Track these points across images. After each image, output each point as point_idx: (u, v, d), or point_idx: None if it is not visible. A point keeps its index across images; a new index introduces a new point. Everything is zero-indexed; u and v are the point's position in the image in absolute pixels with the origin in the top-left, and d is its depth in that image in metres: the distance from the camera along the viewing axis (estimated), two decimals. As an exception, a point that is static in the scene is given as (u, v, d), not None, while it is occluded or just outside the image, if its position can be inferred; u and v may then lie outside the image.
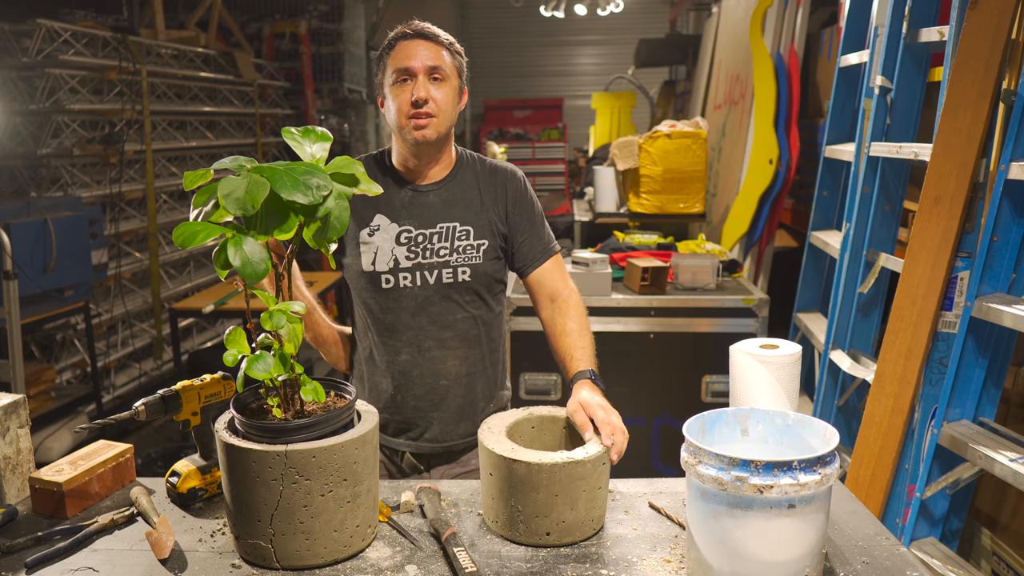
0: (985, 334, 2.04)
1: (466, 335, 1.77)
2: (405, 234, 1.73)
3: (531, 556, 1.28)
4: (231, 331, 1.25)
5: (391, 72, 1.69)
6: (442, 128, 1.69)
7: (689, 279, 3.24)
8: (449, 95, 1.70)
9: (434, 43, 1.70)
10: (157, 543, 1.27)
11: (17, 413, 1.47)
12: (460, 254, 1.74)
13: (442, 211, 1.75)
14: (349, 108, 8.16)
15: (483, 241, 1.75)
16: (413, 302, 1.73)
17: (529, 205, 1.81)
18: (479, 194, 1.77)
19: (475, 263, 1.74)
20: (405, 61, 1.67)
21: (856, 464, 2.35)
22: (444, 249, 1.73)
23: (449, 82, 1.70)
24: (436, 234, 1.74)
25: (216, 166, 1.20)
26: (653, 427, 3.20)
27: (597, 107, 8.40)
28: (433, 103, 1.66)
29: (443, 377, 1.77)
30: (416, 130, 1.67)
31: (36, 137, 4.47)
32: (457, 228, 1.74)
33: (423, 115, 1.66)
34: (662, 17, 11.48)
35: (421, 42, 1.68)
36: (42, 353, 4.51)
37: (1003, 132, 1.97)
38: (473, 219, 1.75)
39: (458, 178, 1.78)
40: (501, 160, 1.86)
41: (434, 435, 1.79)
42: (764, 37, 4.36)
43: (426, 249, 1.73)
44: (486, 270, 1.76)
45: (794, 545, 1.12)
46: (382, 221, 1.74)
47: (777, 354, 1.49)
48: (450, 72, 1.70)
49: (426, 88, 1.66)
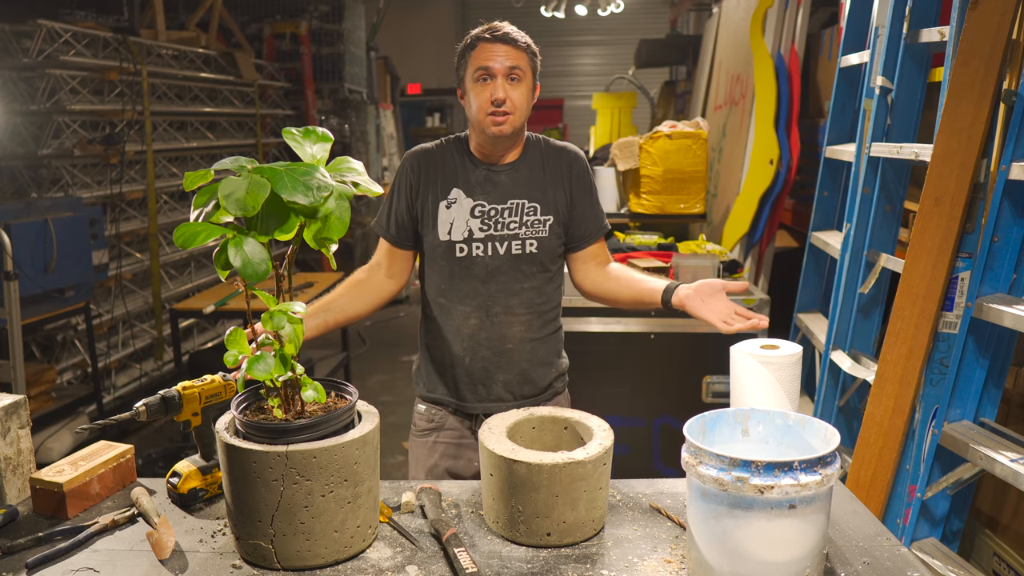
0: (986, 334, 2.04)
1: (530, 303, 1.90)
2: (479, 208, 1.87)
3: (532, 556, 1.28)
4: (231, 332, 1.25)
5: (473, 69, 1.82)
6: (518, 124, 1.83)
7: (690, 279, 3.22)
8: (525, 94, 1.83)
9: (513, 47, 1.82)
10: (158, 544, 1.27)
11: (18, 413, 1.47)
12: (529, 228, 1.88)
13: (513, 189, 1.89)
14: (349, 109, 8.16)
15: (549, 217, 1.89)
16: (484, 270, 1.87)
17: (589, 184, 1.96)
18: (544, 174, 1.91)
19: (541, 236, 1.88)
20: (486, 61, 1.80)
21: (857, 464, 2.35)
22: (514, 223, 1.87)
23: (525, 81, 1.83)
24: (507, 209, 1.88)
25: (217, 167, 1.20)
26: (653, 427, 3.20)
27: (598, 107, 8.40)
28: (511, 102, 1.79)
29: (509, 341, 1.90)
30: (495, 126, 1.80)
31: (37, 138, 4.47)
32: (526, 205, 1.88)
33: (501, 113, 1.79)
34: (662, 17, 11.48)
35: (501, 46, 1.81)
36: (43, 354, 4.51)
37: (1004, 132, 1.97)
38: (540, 196, 1.89)
39: (528, 159, 1.92)
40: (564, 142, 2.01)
41: (499, 395, 1.92)
42: (765, 37, 4.36)
43: (498, 222, 1.87)
44: (551, 244, 1.90)
45: (795, 545, 1.12)
46: (459, 195, 1.88)
47: (778, 354, 1.49)
48: (526, 72, 1.83)
49: (504, 89, 1.79)
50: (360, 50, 8.53)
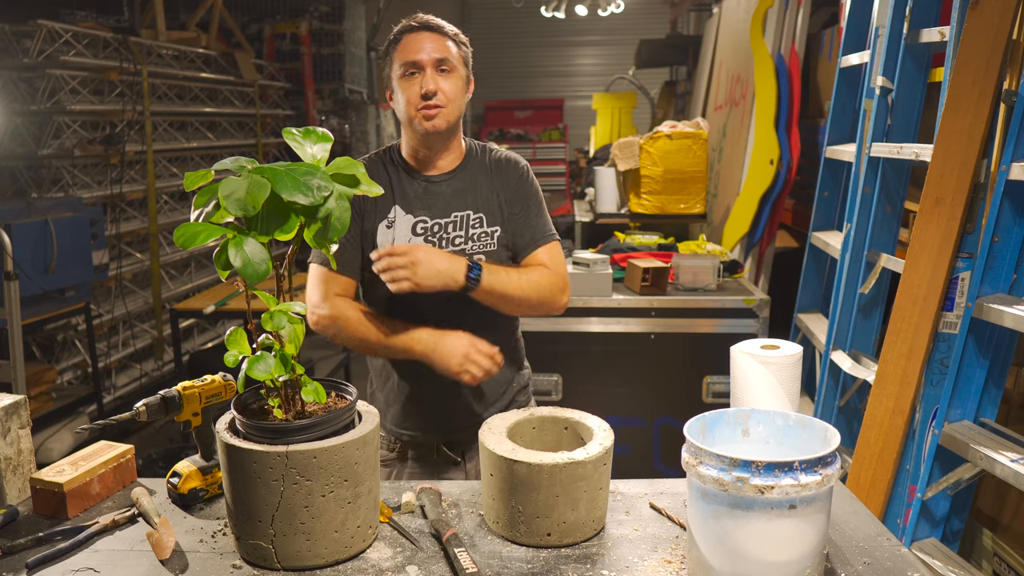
0: (986, 335, 2.03)
1: (483, 321, 1.74)
2: (421, 224, 1.75)
3: (532, 557, 1.28)
4: (232, 332, 1.25)
5: (398, 66, 1.71)
6: (451, 118, 1.71)
7: (690, 280, 3.24)
8: (457, 85, 1.72)
9: (439, 34, 1.72)
10: (158, 544, 1.27)
11: (18, 414, 1.47)
12: (475, 242, 1.76)
13: (455, 200, 1.77)
14: (350, 109, 8.17)
15: (496, 228, 1.77)
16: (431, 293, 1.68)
17: (526, 193, 1.81)
18: (489, 182, 1.79)
19: (490, 250, 1.76)
20: (412, 55, 1.69)
21: (857, 465, 2.35)
22: (459, 237, 1.75)
23: (456, 72, 1.72)
24: (451, 223, 1.75)
25: (217, 167, 1.20)
26: (654, 428, 3.20)
27: (598, 108, 8.40)
28: (442, 94, 1.69)
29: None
30: (426, 120, 1.69)
31: (37, 138, 4.47)
32: (471, 216, 1.76)
33: (432, 106, 1.68)
34: (663, 18, 11.48)
35: (427, 34, 1.70)
36: (43, 354, 4.51)
37: (1004, 133, 1.97)
38: (484, 207, 1.77)
39: (468, 168, 1.80)
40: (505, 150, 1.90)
41: (461, 424, 1.80)
42: (765, 37, 4.36)
43: (442, 238, 1.75)
44: (500, 257, 1.77)
45: (795, 546, 1.12)
46: (398, 213, 1.75)
47: (778, 355, 1.49)
48: (457, 63, 1.73)
49: (434, 80, 1.68)
50: (360, 50, 8.54)
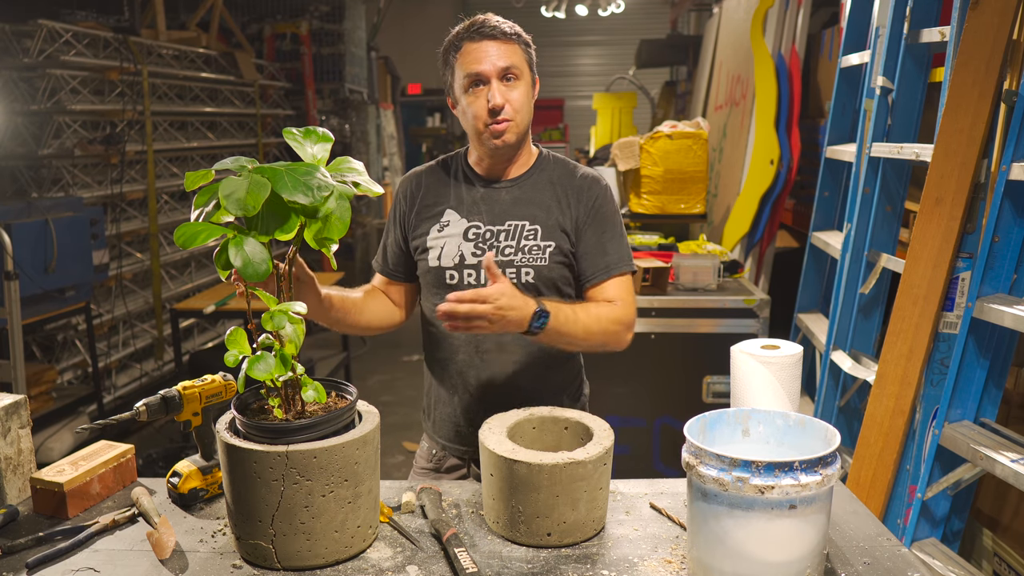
0: (986, 335, 2.03)
1: (527, 342, 1.64)
2: (473, 230, 1.67)
3: (532, 557, 1.28)
4: (232, 332, 1.25)
5: (462, 76, 1.61)
6: (521, 129, 1.63)
7: (690, 280, 3.24)
8: (525, 93, 1.62)
9: (503, 40, 1.60)
10: (158, 543, 1.27)
11: (18, 413, 1.47)
12: (525, 254, 1.64)
13: (513, 209, 1.67)
14: (350, 109, 8.16)
15: (550, 243, 1.65)
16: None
17: (605, 214, 1.67)
18: (555, 196, 1.68)
19: (539, 264, 1.65)
20: (475, 65, 1.58)
21: (857, 465, 2.35)
22: (510, 248, 1.65)
23: (523, 79, 1.62)
24: (504, 231, 1.66)
25: (217, 167, 1.20)
26: (654, 428, 3.20)
27: (598, 108, 8.40)
28: (509, 107, 1.59)
29: (501, 382, 1.68)
30: (495, 137, 1.61)
31: (37, 137, 4.47)
32: (526, 227, 1.65)
33: (501, 121, 1.59)
34: (663, 18, 11.49)
35: (490, 43, 1.59)
36: (43, 353, 4.51)
37: (1004, 133, 1.97)
38: (543, 218, 1.66)
39: (534, 177, 1.70)
40: (585, 167, 1.75)
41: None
42: (765, 38, 4.36)
43: (492, 246, 1.65)
44: (550, 274, 1.65)
45: (795, 546, 1.12)
46: (452, 217, 1.68)
47: (778, 355, 1.49)
48: (522, 67, 1.62)
49: (501, 92, 1.58)
50: (361, 50, 8.54)
